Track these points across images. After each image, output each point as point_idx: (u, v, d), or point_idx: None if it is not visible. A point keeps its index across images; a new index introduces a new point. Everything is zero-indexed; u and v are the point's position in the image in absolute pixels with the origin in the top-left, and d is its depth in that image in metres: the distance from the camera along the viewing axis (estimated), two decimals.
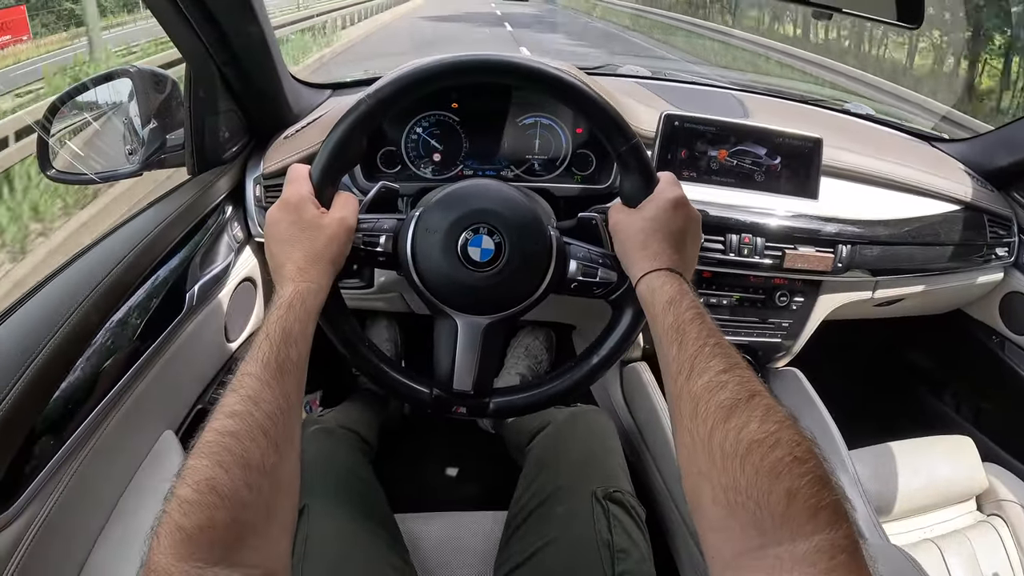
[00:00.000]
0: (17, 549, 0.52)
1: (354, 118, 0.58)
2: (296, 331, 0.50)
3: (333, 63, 7.76)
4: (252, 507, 0.40)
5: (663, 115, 0.88)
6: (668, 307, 0.52)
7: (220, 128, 0.88)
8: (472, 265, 0.59)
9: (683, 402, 0.45)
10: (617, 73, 1.16)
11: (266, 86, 0.88)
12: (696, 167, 0.90)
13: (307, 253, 0.54)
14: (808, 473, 0.37)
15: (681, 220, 0.59)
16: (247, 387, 0.44)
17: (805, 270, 0.94)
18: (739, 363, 0.46)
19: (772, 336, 1.01)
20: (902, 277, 1.03)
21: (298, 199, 0.56)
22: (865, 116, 1.22)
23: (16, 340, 0.56)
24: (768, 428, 0.40)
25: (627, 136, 0.60)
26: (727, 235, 0.90)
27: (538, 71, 0.59)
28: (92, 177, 0.91)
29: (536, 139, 0.88)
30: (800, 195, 0.94)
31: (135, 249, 0.72)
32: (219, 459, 0.40)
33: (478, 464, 1.27)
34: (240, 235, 0.93)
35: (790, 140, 0.92)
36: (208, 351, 0.89)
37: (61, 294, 0.63)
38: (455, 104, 0.86)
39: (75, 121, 0.94)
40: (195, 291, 0.83)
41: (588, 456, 0.81)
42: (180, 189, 0.86)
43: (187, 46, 0.80)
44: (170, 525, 0.37)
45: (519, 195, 0.64)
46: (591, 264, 0.62)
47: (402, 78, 0.59)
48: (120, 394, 0.68)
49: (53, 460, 0.57)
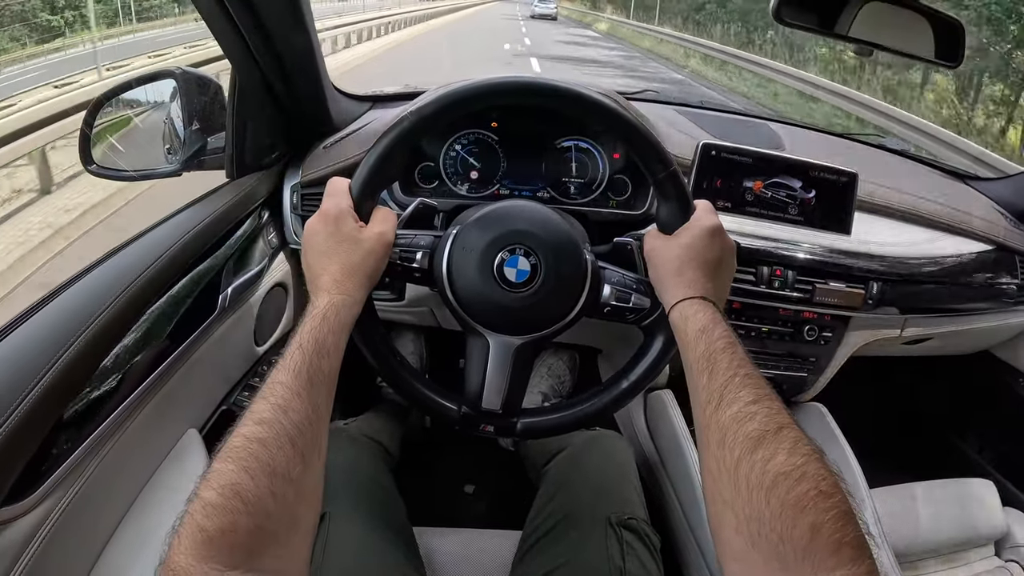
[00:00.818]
0: (33, 539, 0.53)
1: (396, 134, 0.59)
2: (329, 343, 0.50)
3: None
4: (275, 515, 0.40)
5: (700, 144, 0.88)
6: (700, 335, 0.52)
7: (261, 134, 0.89)
8: (507, 285, 0.59)
9: (711, 431, 0.45)
10: (655, 99, 1.16)
11: (309, 95, 0.89)
12: (731, 197, 0.89)
13: (344, 266, 0.55)
14: (833, 508, 0.37)
15: (717, 249, 0.59)
16: (277, 395, 0.45)
17: (835, 305, 0.93)
18: (768, 394, 0.46)
19: (798, 370, 1.00)
20: (931, 316, 1.02)
21: (337, 212, 0.56)
22: (900, 152, 1.21)
23: (48, 331, 0.57)
24: (795, 461, 0.40)
25: (665, 163, 0.60)
26: (759, 267, 0.90)
27: (579, 95, 0.59)
28: (131, 174, 0.92)
29: (573, 162, 0.89)
30: (833, 229, 0.93)
31: (172, 248, 0.73)
32: (245, 465, 0.40)
33: (495, 481, 1.27)
34: (275, 241, 0.93)
35: (825, 174, 0.92)
36: (237, 353, 0.89)
37: (96, 288, 0.64)
38: (495, 123, 0.87)
39: (118, 118, 0.96)
40: (228, 293, 0.84)
41: (604, 481, 0.81)
42: (218, 192, 0.87)
43: (234, 51, 0.81)
44: (192, 526, 0.37)
45: (556, 217, 0.64)
46: (625, 289, 0.62)
47: (445, 97, 0.59)
48: (148, 390, 0.68)
49: (76, 452, 0.58)
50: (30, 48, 6.91)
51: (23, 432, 0.49)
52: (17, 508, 0.51)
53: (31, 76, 6.02)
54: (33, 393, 0.50)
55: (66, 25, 7.45)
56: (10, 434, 0.47)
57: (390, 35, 14.01)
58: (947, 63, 0.98)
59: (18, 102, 4.25)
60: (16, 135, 3.57)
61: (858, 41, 0.97)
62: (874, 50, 0.99)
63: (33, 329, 0.57)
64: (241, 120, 0.87)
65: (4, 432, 0.47)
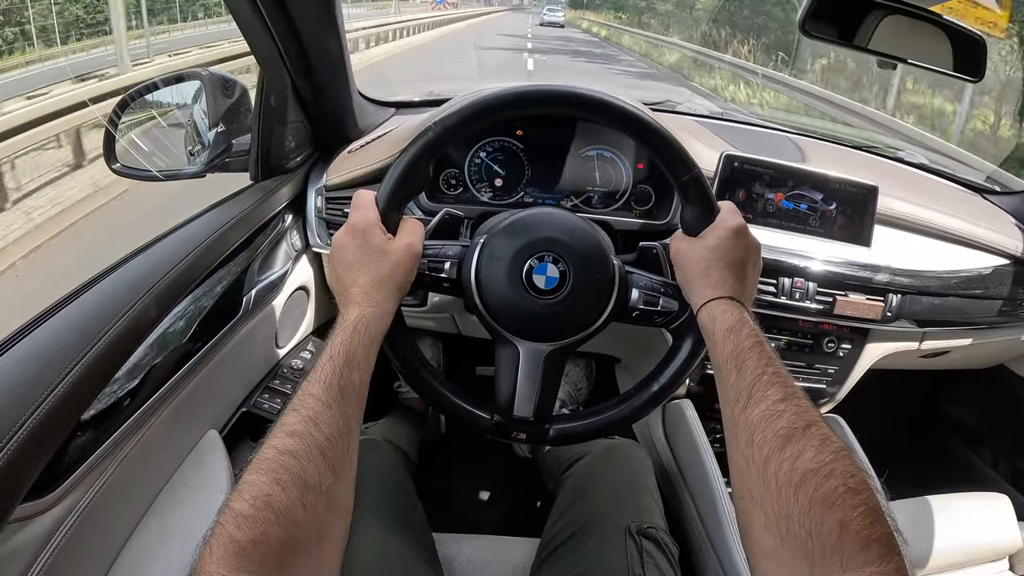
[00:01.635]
0: (54, 536, 0.53)
1: (421, 145, 0.59)
2: (359, 355, 0.50)
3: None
4: (306, 526, 0.40)
5: (723, 155, 0.88)
6: (728, 335, 0.52)
7: (286, 137, 0.90)
8: (536, 292, 0.59)
9: (740, 429, 0.46)
10: (677, 111, 1.16)
11: (336, 100, 0.90)
12: (753, 208, 0.90)
13: (373, 278, 0.55)
14: (861, 505, 0.38)
15: (742, 249, 0.59)
16: (308, 407, 0.45)
17: (854, 317, 0.94)
18: (796, 392, 0.46)
19: (817, 382, 1.00)
20: (950, 329, 1.02)
21: (365, 224, 0.57)
22: (918, 165, 1.21)
23: (72, 330, 0.57)
24: (823, 458, 0.40)
25: (689, 166, 0.60)
26: (779, 278, 0.90)
27: (603, 102, 0.60)
28: (155, 174, 0.92)
29: (597, 171, 0.89)
30: (853, 242, 0.93)
31: (196, 249, 0.73)
32: (277, 476, 0.40)
33: (510, 487, 1.27)
34: (298, 244, 0.94)
35: (846, 187, 0.92)
36: (258, 356, 0.90)
37: (120, 288, 0.64)
38: (519, 131, 0.87)
39: (143, 118, 0.97)
40: (252, 295, 0.84)
41: (622, 489, 0.81)
42: (243, 194, 0.88)
43: (264, 54, 0.82)
44: (223, 537, 0.37)
45: (584, 224, 0.64)
46: (653, 293, 0.63)
47: (469, 107, 0.59)
48: (170, 391, 0.69)
49: (98, 451, 0.58)
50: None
51: (46, 429, 0.49)
52: (38, 504, 0.51)
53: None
54: (56, 391, 0.51)
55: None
56: (33, 431, 0.48)
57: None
58: (968, 77, 0.98)
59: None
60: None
61: (879, 54, 0.97)
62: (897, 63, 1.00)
63: (57, 327, 0.57)
64: (267, 123, 0.88)
65: (27, 429, 0.47)
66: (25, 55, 8.31)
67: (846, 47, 0.99)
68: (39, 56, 8.22)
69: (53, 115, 4.03)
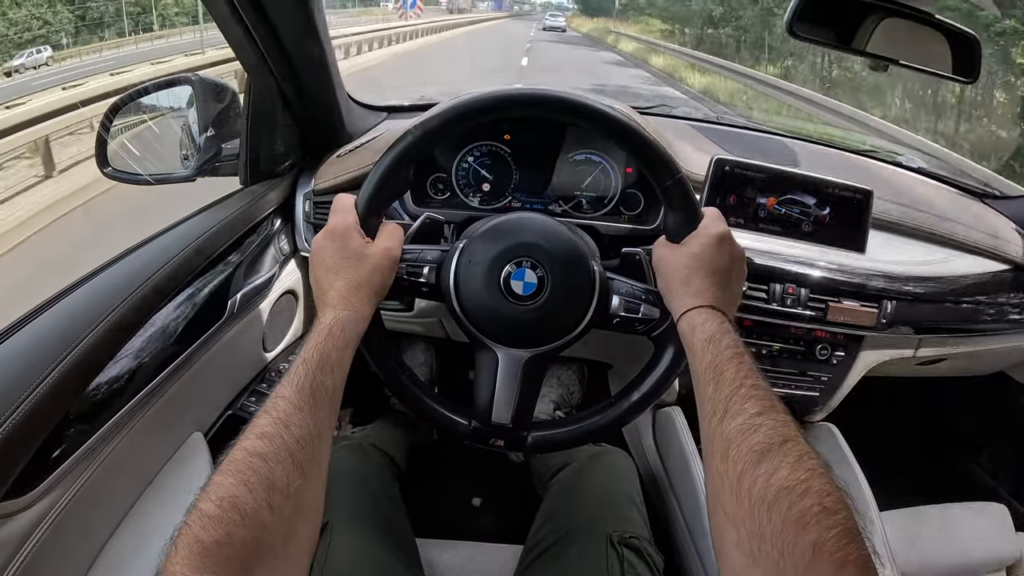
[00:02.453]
0: (32, 535, 0.53)
1: (400, 150, 0.59)
2: (333, 359, 0.50)
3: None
4: (272, 528, 0.40)
5: (714, 159, 0.87)
6: (707, 345, 0.51)
7: (275, 141, 0.90)
8: (514, 298, 0.59)
9: (715, 443, 0.45)
10: (670, 114, 1.15)
11: (322, 104, 0.90)
12: (744, 213, 0.89)
13: (350, 282, 0.55)
14: (837, 525, 0.37)
15: (726, 257, 0.58)
16: (279, 410, 0.45)
17: (848, 324, 0.92)
18: (775, 406, 0.45)
19: (810, 389, 0.99)
20: (946, 336, 1.00)
21: (343, 228, 0.56)
22: (917, 169, 1.20)
23: (56, 330, 0.57)
24: (799, 475, 0.39)
25: (672, 171, 0.59)
26: (771, 284, 0.89)
27: (583, 105, 0.59)
28: (147, 178, 0.93)
29: (585, 176, 0.88)
30: (847, 247, 0.92)
31: (182, 252, 0.73)
32: (244, 478, 0.40)
33: (502, 494, 1.26)
34: (286, 248, 0.94)
35: (840, 191, 0.91)
36: (245, 359, 0.90)
37: (106, 289, 0.64)
38: (507, 136, 0.86)
39: (134, 122, 0.97)
40: (237, 299, 0.84)
41: (606, 498, 0.80)
42: (232, 198, 0.88)
43: (249, 59, 0.82)
44: (189, 537, 0.37)
45: (563, 229, 0.64)
46: (634, 300, 0.62)
47: (449, 110, 0.59)
48: (153, 392, 0.69)
49: (79, 451, 0.58)
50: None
51: (26, 429, 0.49)
52: (17, 503, 0.51)
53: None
54: (38, 391, 0.51)
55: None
56: (13, 430, 0.48)
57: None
58: (964, 79, 0.97)
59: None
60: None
61: (875, 56, 0.96)
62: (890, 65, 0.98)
63: (41, 327, 0.58)
64: (256, 128, 0.88)
65: (7, 428, 0.47)
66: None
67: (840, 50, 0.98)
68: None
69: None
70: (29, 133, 4.50)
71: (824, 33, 0.96)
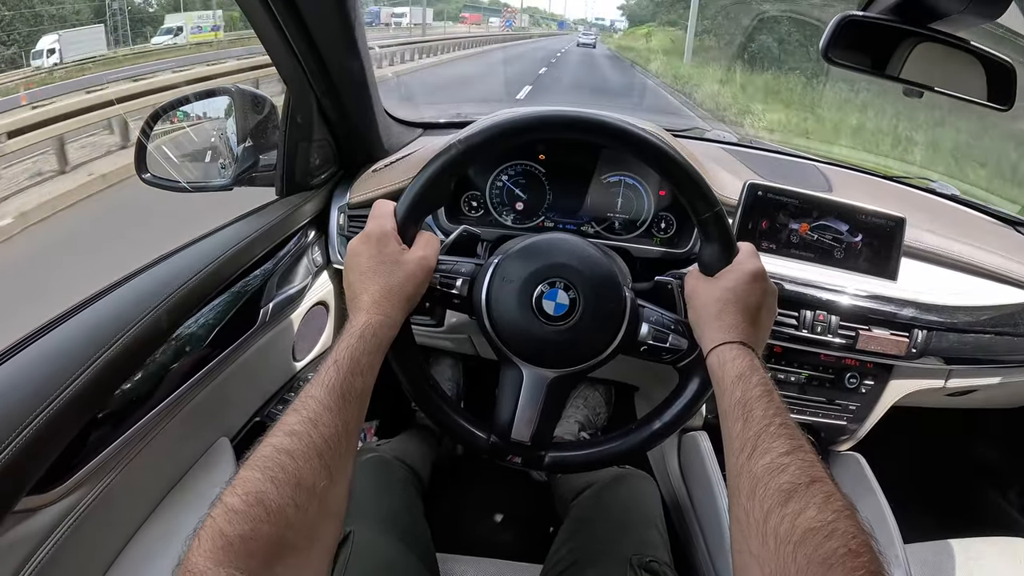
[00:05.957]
0: (56, 530, 0.54)
1: (443, 161, 0.59)
2: (364, 362, 0.50)
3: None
4: (296, 526, 0.40)
5: (747, 184, 0.87)
6: (737, 381, 0.51)
7: (312, 154, 0.91)
8: (545, 318, 0.59)
9: (742, 480, 0.45)
10: (703, 137, 1.15)
11: (360, 119, 0.91)
12: (776, 239, 0.88)
13: (383, 287, 0.55)
14: (861, 568, 0.37)
15: (759, 294, 0.58)
16: (309, 409, 0.45)
17: (878, 352, 0.91)
18: (803, 446, 0.45)
19: (838, 418, 0.98)
20: (977, 367, 0.98)
21: (381, 233, 0.57)
22: (950, 197, 1.18)
23: (89, 331, 0.58)
24: (825, 517, 0.39)
25: (710, 203, 0.60)
26: (801, 311, 0.88)
27: (625, 131, 0.59)
28: (184, 185, 0.94)
29: (619, 198, 0.88)
30: (879, 275, 0.91)
31: (217, 260, 0.74)
32: (272, 475, 0.40)
33: (523, 512, 1.26)
34: (319, 260, 0.95)
35: (873, 218, 0.90)
36: (274, 367, 0.91)
37: (140, 293, 0.65)
38: (542, 156, 0.87)
39: (174, 130, 0.99)
40: (269, 308, 0.85)
41: (627, 521, 0.79)
42: (267, 208, 0.90)
43: (289, 73, 0.84)
44: (213, 530, 0.37)
45: (598, 253, 0.64)
46: (663, 329, 0.62)
47: (493, 128, 0.60)
48: (182, 396, 0.70)
49: (107, 450, 0.59)
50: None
51: (54, 428, 0.50)
52: (43, 498, 0.52)
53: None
54: (69, 389, 0.52)
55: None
56: (41, 428, 0.49)
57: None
58: (999, 106, 0.95)
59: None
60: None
61: (910, 83, 0.95)
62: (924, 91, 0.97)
63: (75, 328, 0.59)
64: (293, 140, 0.89)
65: (37, 424, 0.48)
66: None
67: (875, 76, 0.97)
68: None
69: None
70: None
71: (859, 59, 0.96)
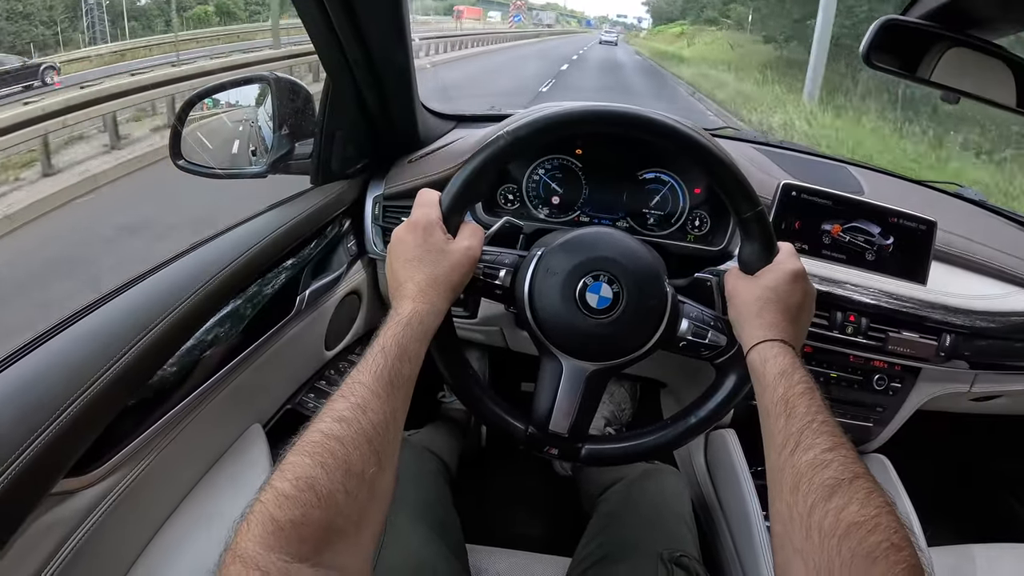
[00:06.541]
0: (94, 511, 0.55)
1: (490, 152, 0.60)
2: (411, 349, 0.50)
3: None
4: (346, 512, 0.40)
5: (781, 184, 0.87)
6: (779, 378, 0.52)
7: (348, 143, 0.92)
8: (588, 311, 0.59)
9: (785, 475, 0.46)
10: (736, 137, 1.15)
11: (400, 110, 0.91)
12: (809, 239, 0.89)
13: (429, 276, 0.55)
14: (903, 561, 0.38)
15: (799, 294, 0.59)
16: (357, 395, 0.45)
17: (907, 355, 0.91)
18: (844, 443, 0.46)
19: (864, 420, 0.98)
20: (1003, 373, 0.99)
21: (427, 222, 0.57)
22: (978, 202, 1.18)
23: (127, 316, 0.58)
24: (868, 512, 0.40)
25: (753, 202, 0.60)
26: (832, 312, 0.89)
27: (673, 129, 0.60)
28: (218, 172, 0.95)
29: (655, 194, 0.89)
30: (909, 278, 0.91)
31: (254, 247, 0.74)
32: (322, 460, 0.40)
33: (547, 505, 1.26)
34: (354, 249, 0.95)
35: (905, 221, 0.90)
36: (307, 355, 0.91)
37: (177, 280, 0.65)
38: (579, 150, 0.87)
39: (208, 117, 0.99)
40: (305, 296, 0.86)
41: (657, 516, 0.80)
42: (303, 196, 0.90)
43: (331, 61, 0.84)
44: (263, 515, 0.37)
45: (642, 248, 0.64)
46: (702, 325, 0.62)
47: (540, 120, 0.60)
48: (218, 383, 0.70)
49: (143, 435, 0.59)
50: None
51: (93, 410, 0.51)
52: (81, 480, 0.53)
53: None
54: (109, 372, 0.52)
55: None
56: (81, 411, 0.49)
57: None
58: None
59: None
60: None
61: (940, 86, 0.95)
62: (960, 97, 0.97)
63: (113, 312, 0.59)
64: (330, 129, 0.90)
65: (76, 408, 0.49)
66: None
67: (908, 79, 0.97)
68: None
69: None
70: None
71: (894, 62, 0.96)
